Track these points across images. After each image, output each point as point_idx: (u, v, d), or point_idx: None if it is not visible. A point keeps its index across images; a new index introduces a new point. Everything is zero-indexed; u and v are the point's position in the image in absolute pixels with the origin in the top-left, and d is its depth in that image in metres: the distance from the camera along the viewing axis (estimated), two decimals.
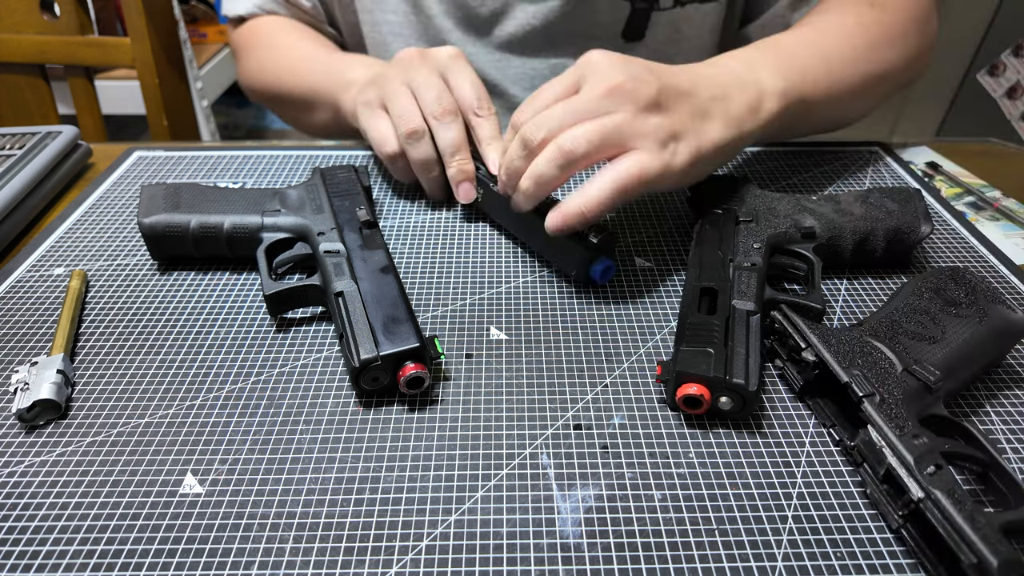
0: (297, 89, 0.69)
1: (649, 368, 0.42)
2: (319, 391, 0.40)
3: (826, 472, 0.36)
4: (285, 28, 0.75)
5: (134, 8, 0.88)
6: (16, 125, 0.66)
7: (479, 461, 0.36)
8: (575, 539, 0.33)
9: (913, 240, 0.48)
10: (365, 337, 0.39)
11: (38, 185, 0.58)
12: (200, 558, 0.32)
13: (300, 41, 0.73)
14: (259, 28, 0.76)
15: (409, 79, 0.54)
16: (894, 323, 0.39)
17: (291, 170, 0.63)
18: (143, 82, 0.94)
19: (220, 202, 0.50)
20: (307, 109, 0.70)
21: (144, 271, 0.50)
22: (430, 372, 0.39)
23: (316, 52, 0.70)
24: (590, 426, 0.38)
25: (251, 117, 2.33)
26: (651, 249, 0.53)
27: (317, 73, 0.67)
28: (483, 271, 0.50)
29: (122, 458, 0.36)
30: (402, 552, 0.32)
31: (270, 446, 0.37)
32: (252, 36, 0.76)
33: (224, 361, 0.43)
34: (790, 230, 0.47)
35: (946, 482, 0.31)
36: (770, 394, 0.40)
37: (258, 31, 0.76)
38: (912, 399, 0.35)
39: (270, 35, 0.75)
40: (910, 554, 0.32)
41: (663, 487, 0.35)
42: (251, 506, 0.34)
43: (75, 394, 0.40)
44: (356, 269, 0.44)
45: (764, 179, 0.61)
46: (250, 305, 0.47)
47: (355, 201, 0.51)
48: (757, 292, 0.42)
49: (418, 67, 0.54)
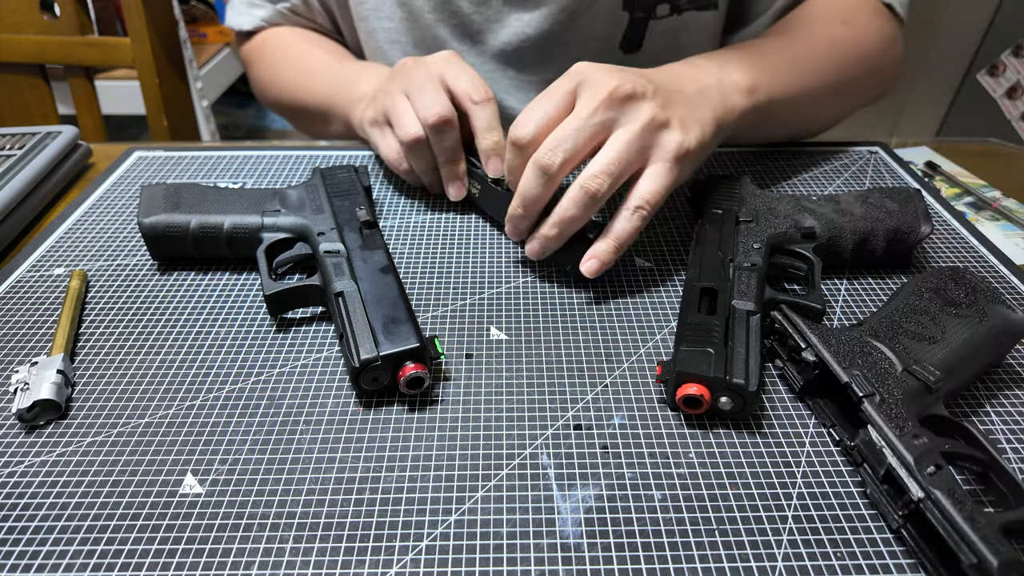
0: (312, 102, 0.69)
1: (649, 368, 0.42)
2: (319, 391, 0.40)
3: (826, 472, 0.36)
4: (296, 39, 0.74)
5: (134, 8, 0.88)
6: (16, 125, 0.66)
7: (479, 461, 0.36)
8: (575, 539, 0.33)
9: (913, 240, 0.48)
10: (365, 337, 0.39)
11: (38, 185, 0.58)
12: (200, 558, 0.32)
13: (312, 51, 0.72)
14: (269, 40, 0.75)
15: (406, 88, 0.54)
16: (894, 323, 0.39)
17: (291, 170, 0.63)
18: (143, 82, 0.94)
19: (220, 202, 0.50)
20: (322, 121, 0.70)
21: (144, 271, 0.50)
22: (430, 372, 0.39)
23: (327, 64, 0.70)
24: (590, 426, 0.38)
25: (251, 117, 2.34)
26: (651, 249, 0.53)
27: (329, 85, 0.67)
28: (483, 271, 0.50)
29: (122, 458, 0.37)
30: (402, 552, 0.32)
31: (270, 446, 0.37)
32: (263, 48, 0.76)
33: (224, 361, 0.43)
34: (790, 230, 0.47)
35: (946, 482, 0.31)
36: (770, 394, 0.40)
37: (269, 43, 0.75)
38: (912, 399, 0.35)
39: (282, 47, 0.74)
40: (910, 554, 0.32)
41: (663, 487, 0.35)
42: (251, 506, 0.34)
43: (75, 394, 0.40)
44: (356, 269, 0.44)
45: (764, 179, 0.61)
46: (250, 305, 0.47)
47: (355, 201, 0.51)
48: (757, 292, 0.42)
49: (414, 75, 0.54)
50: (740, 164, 0.64)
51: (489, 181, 0.52)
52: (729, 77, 0.51)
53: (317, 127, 0.72)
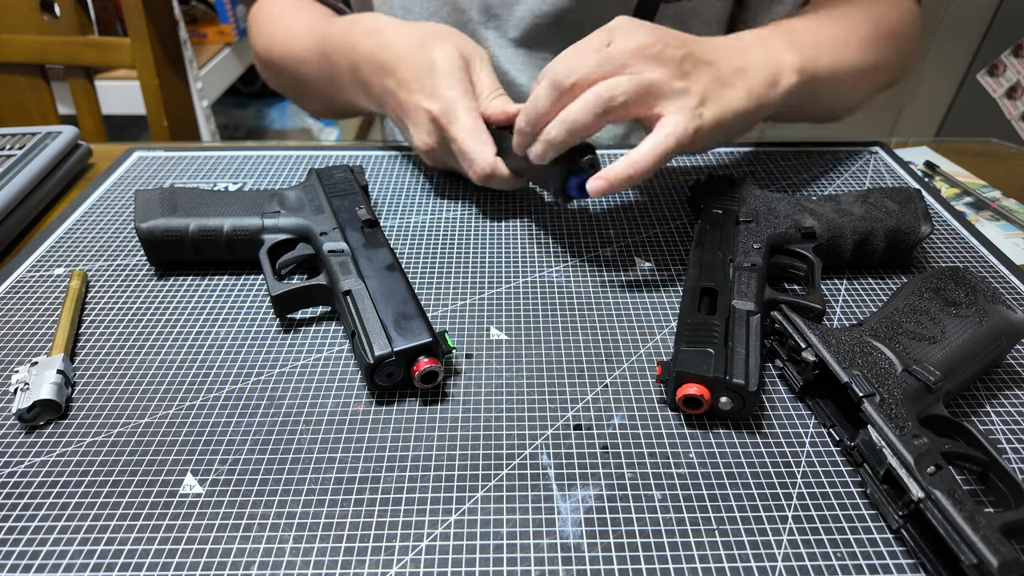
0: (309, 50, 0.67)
1: (649, 368, 0.42)
2: (319, 391, 0.40)
3: (826, 472, 0.36)
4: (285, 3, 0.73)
5: (134, 8, 0.88)
6: (16, 125, 0.66)
7: (479, 461, 0.36)
8: (575, 539, 0.33)
9: (913, 240, 0.48)
10: (377, 334, 0.39)
11: (38, 185, 0.58)
12: (200, 558, 0.32)
13: (301, 7, 0.72)
14: (264, 4, 0.75)
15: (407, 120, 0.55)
16: (894, 323, 0.39)
17: (291, 170, 0.63)
18: (143, 82, 0.94)
19: (217, 205, 0.50)
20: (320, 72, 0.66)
21: (144, 271, 0.50)
22: (443, 366, 0.39)
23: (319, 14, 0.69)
24: (590, 426, 0.38)
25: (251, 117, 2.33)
26: (651, 249, 0.53)
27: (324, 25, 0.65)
28: (483, 271, 0.50)
29: (122, 458, 0.37)
30: (402, 552, 0.32)
31: (270, 446, 0.37)
32: (259, 11, 0.75)
33: (224, 361, 0.43)
34: (790, 230, 0.47)
35: (946, 482, 0.31)
36: (770, 394, 0.40)
37: (264, 6, 0.74)
38: (912, 399, 0.35)
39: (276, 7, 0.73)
40: (910, 554, 0.32)
41: (663, 487, 0.35)
42: (251, 506, 0.34)
43: (75, 394, 0.40)
44: (362, 267, 0.44)
45: (764, 179, 0.61)
46: (249, 305, 0.47)
47: (354, 200, 0.51)
48: (757, 292, 0.42)
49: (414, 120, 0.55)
50: (740, 164, 0.64)
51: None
52: (775, 55, 0.51)
53: (317, 85, 0.69)
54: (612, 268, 0.50)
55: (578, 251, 0.52)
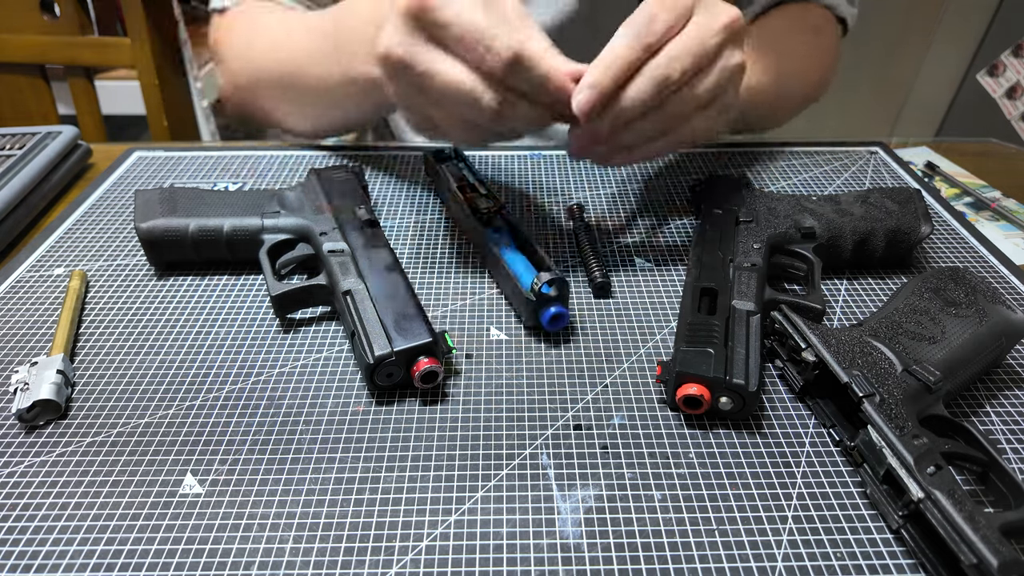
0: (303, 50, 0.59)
1: (649, 368, 0.42)
2: (318, 391, 0.40)
3: (826, 472, 0.36)
4: (265, 10, 0.65)
5: (134, 8, 0.88)
6: (16, 125, 0.66)
7: (479, 461, 0.36)
8: (575, 539, 0.33)
9: (913, 240, 0.48)
10: (377, 334, 0.39)
11: (38, 185, 0.58)
12: (200, 558, 0.32)
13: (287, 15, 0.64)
14: (239, 15, 0.66)
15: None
16: (894, 323, 0.39)
17: (291, 170, 0.63)
18: (143, 82, 0.94)
19: (217, 205, 0.50)
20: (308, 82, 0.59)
21: (144, 271, 0.50)
22: (443, 366, 0.39)
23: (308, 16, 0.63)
24: (590, 426, 0.38)
25: None
26: (651, 249, 0.53)
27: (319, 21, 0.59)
28: (483, 271, 0.50)
29: (122, 458, 0.36)
30: (402, 552, 0.32)
31: (270, 446, 0.37)
32: (231, 24, 0.66)
33: (224, 361, 0.43)
34: (790, 230, 0.47)
35: (946, 482, 0.31)
36: (770, 394, 0.40)
37: (238, 18, 0.66)
38: (912, 399, 0.35)
39: (252, 18, 0.65)
40: (910, 554, 0.32)
41: (663, 487, 0.35)
42: (251, 506, 0.34)
43: (75, 394, 0.40)
44: (362, 268, 0.44)
45: (764, 179, 0.61)
46: (249, 305, 0.47)
47: (354, 200, 0.51)
48: (757, 292, 0.42)
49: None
50: (740, 164, 0.64)
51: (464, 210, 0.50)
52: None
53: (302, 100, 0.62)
54: (612, 268, 0.50)
55: (578, 251, 0.52)
